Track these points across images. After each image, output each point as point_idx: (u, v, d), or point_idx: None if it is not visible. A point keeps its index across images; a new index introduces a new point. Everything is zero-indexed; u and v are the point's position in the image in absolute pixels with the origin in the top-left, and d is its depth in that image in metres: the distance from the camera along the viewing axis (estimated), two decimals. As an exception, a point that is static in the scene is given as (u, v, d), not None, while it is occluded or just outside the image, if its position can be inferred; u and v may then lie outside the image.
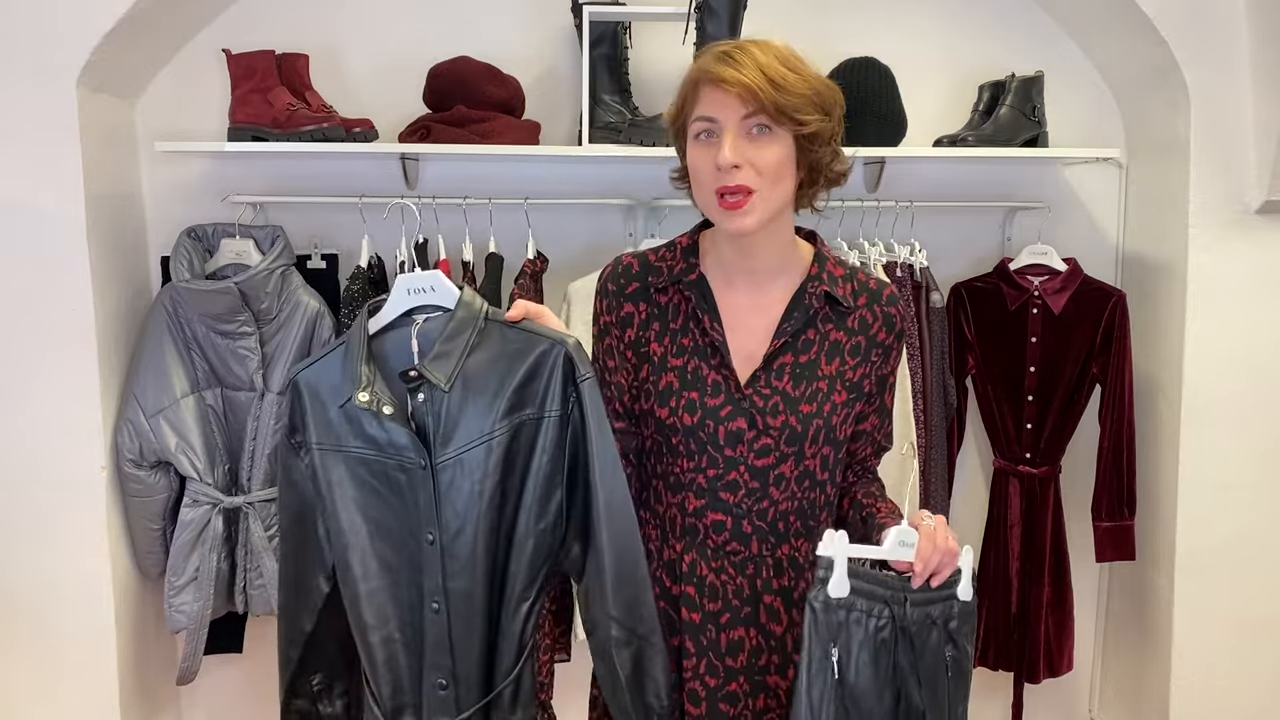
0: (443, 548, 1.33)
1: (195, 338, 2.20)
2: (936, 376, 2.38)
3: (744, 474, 1.37)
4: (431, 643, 1.35)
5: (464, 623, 1.35)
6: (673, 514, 1.42)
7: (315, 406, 1.37)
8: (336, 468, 1.37)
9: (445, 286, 1.38)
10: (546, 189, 2.41)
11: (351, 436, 1.36)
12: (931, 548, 1.25)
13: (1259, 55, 2.24)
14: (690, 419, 1.36)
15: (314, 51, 2.30)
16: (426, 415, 1.33)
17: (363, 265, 2.26)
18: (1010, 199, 2.55)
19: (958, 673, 1.29)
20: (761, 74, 1.25)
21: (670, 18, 2.23)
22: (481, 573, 1.34)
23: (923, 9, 2.51)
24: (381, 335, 1.39)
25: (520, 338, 1.35)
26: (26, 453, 2.18)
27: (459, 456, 1.32)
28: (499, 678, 1.38)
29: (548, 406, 1.33)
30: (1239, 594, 2.40)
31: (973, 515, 2.61)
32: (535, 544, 1.35)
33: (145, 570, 2.31)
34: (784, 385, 1.36)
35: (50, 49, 2.08)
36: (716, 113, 1.28)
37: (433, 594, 1.34)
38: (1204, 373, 2.35)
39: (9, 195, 2.12)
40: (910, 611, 1.25)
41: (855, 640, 1.23)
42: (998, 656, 2.51)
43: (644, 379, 1.41)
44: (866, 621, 1.24)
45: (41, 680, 2.24)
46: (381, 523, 1.36)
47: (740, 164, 1.26)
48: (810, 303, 1.37)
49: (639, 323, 1.42)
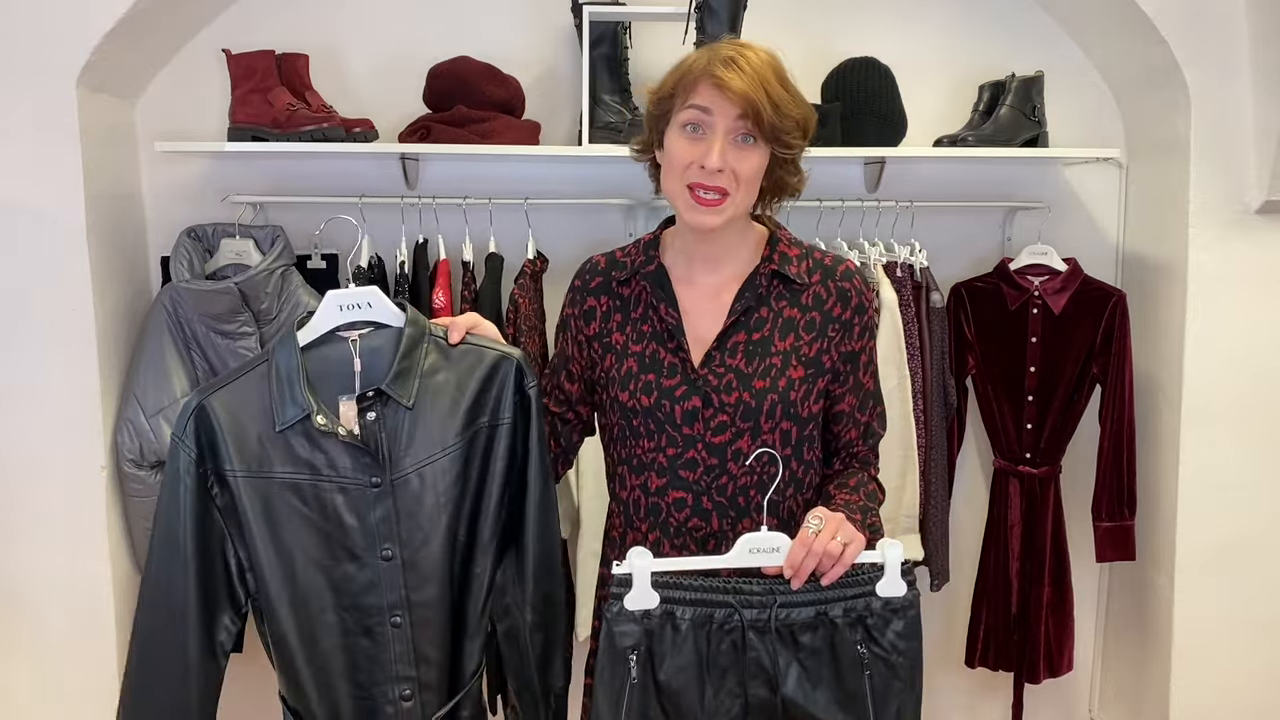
0: (403, 562, 1.34)
1: (195, 338, 2.20)
2: (936, 376, 2.38)
3: (701, 451, 1.42)
4: (395, 656, 1.36)
5: (430, 631, 1.37)
6: (636, 496, 1.47)
7: (234, 431, 1.31)
8: (258, 495, 1.31)
9: (383, 303, 1.37)
10: (546, 189, 2.41)
11: (277, 462, 1.31)
12: (803, 552, 1.26)
13: (1259, 55, 2.24)
14: (648, 400, 1.42)
15: (314, 51, 2.30)
16: (379, 432, 1.33)
17: (363, 265, 2.26)
18: (1010, 199, 2.55)
19: (884, 670, 1.29)
20: (764, 90, 1.31)
21: (670, 18, 2.23)
22: (447, 581, 1.37)
23: (923, 9, 2.51)
24: (306, 352, 1.34)
25: (470, 351, 1.39)
26: (26, 453, 2.18)
27: (419, 471, 1.34)
28: (464, 679, 1.41)
29: (501, 414, 1.38)
30: (1239, 594, 2.40)
31: (973, 515, 2.61)
32: (495, 546, 1.40)
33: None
34: (737, 363, 1.41)
35: (50, 49, 2.08)
36: (711, 104, 1.33)
37: (393, 608, 1.35)
38: (1204, 373, 2.35)
39: (9, 195, 2.12)
40: (782, 613, 1.26)
41: (669, 644, 1.26)
42: (998, 656, 2.51)
43: (607, 368, 1.47)
44: (698, 630, 1.26)
45: (41, 680, 2.24)
46: (310, 549, 1.33)
47: (724, 169, 1.33)
48: (760, 282, 1.43)
49: (600, 315, 1.49)
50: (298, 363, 1.31)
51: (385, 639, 1.36)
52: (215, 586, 1.34)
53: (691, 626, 1.26)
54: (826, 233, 2.45)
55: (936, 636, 2.71)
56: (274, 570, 1.33)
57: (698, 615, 1.26)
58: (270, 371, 1.32)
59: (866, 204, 2.42)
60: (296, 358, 1.32)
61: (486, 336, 1.45)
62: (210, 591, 1.34)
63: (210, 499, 1.32)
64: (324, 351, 1.36)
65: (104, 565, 2.21)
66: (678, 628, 1.26)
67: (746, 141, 1.34)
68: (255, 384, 1.33)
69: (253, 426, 1.31)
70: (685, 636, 1.26)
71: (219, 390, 1.33)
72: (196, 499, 1.31)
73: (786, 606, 1.27)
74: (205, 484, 1.32)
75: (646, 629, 1.25)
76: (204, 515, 1.32)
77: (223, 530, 1.33)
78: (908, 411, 2.28)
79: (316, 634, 1.35)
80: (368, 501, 1.33)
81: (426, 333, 1.38)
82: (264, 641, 1.40)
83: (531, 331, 2.25)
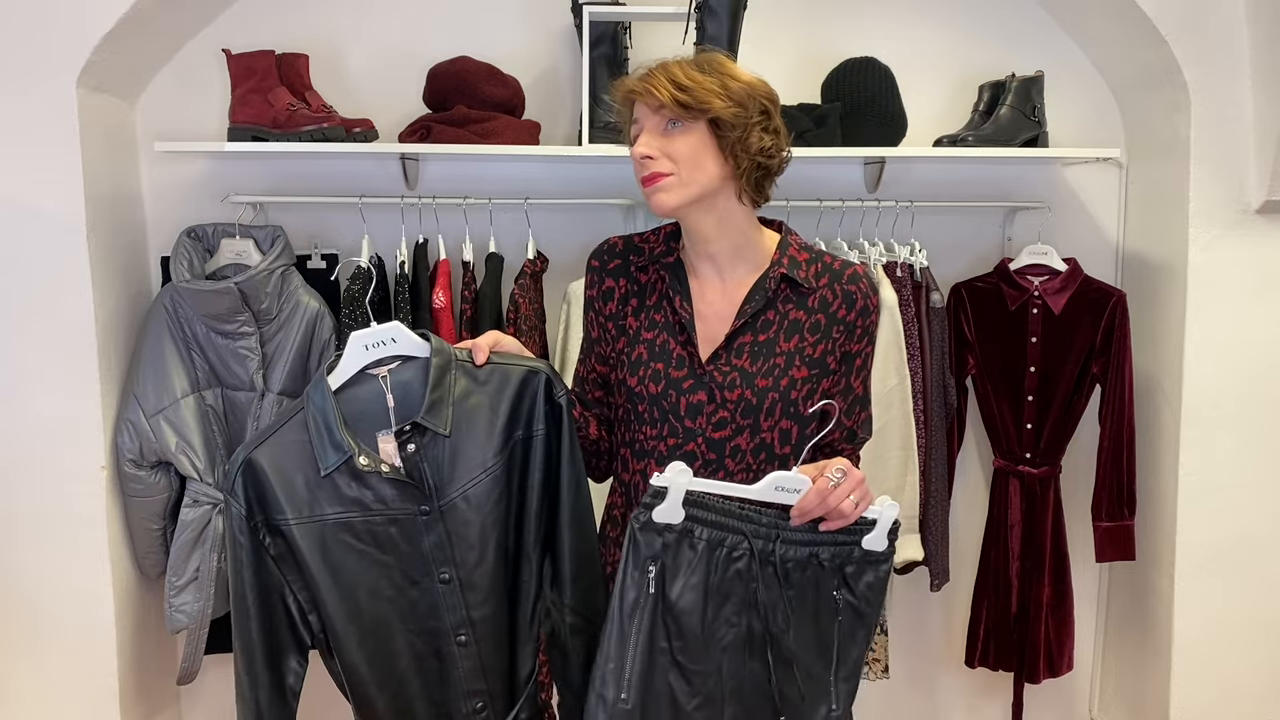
0: (461, 583, 1.38)
1: (195, 338, 2.20)
2: (936, 376, 2.38)
3: (701, 444, 1.46)
4: (464, 673, 1.40)
5: (493, 644, 1.42)
6: (637, 480, 1.51)
7: (281, 482, 1.34)
8: (314, 539, 1.35)
9: (407, 336, 1.40)
10: (546, 189, 2.41)
11: (327, 504, 1.35)
12: (816, 501, 1.29)
13: (1259, 56, 2.24)
14: (655, 388, 1.46)
15: (314, 51, 2.30)
16: (421, 463, 1.36)
17: (363, 265, 2.26)
18: (1010, 199, 2.55)
19: (852, 617, 1.35)
20: (668, 80, 1.39)
21: (670, 18, 2.23)
22: (503, 594, 1.41)
23: (923, 9, 2.51)
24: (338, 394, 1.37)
25: (498, 370, 1.41)
26: (27, 453, 2.18)
27: (464, 495, 1.37)
28: (520, 685, 1.45)
29: (534, 426, 1.41)
30: (1239, 594, 2.40)
31: (973, 515, 2.61)
32: (539, 552, 1.43)
33: (145, 570, 2.31)
34: (742, 363, 1.45)
35: (50, 49, 2.08)
36: (640, 117, 1.43)
37: (457, 628, 1.39)
38: (1204, 372, 2.35)
39: (9, 195, 2.12)
40: (782, 549, 1.31)
41: (685, 564, 1.29)
42: (998, 656, 2.51)
43: (620, 350, 1.52)
44: (712, 551, 1.29)
45: (41, 680, 2.24)
46: (372, 582, 1.37)
47: (653, 154, 1.40)
48: (769, 285, 1.46)
49: (619, 297, 1.53)
50: (333, 406, 1.34)
51: (454, 658, 1.40)
52: (279, 632, 1.38)
53: (707, 548, 1.29)
54: (826, 233, 2.45)
55: (936, 636, 2.71)
56: (339, 607, 1.36)
57: (713, 537, 1.29)
58: (308, 419, 1.35)
59: (866, 204, 2.43)
60: (330, 401, 1.34)
61: (510, 353, 1.47)
62: (274, 638, 1.37)
63: (264, 550, 1.35)
64: (356, 392, 1.38)
65: (104, 565, 2.21)
66: (694, 546, 1.29)
67: (675, 126, 1.40)
68: (296, 433, 1.36)
69: (299, 474, 1.35)
70: (700, 557, 1.29)
71: (262, 444, 1.36)
72: (251, 551, 1.35)
73: (786, 543, 1.31)
74: (258, 535, 1.35)
75: (665, 543, 1.29)
76: (260, 566, 1.35)
77: (280, 578, 1.37)
78: (908, 411, 2.28)
79: (389, 662, 1.39)
80: (419, 530, 1.36)
81: (453, 359, 1.40)
82: (335, 678, 1.42)
83: (532, 331, 2.25)
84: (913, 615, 2.67)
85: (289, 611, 1.38)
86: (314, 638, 1.40)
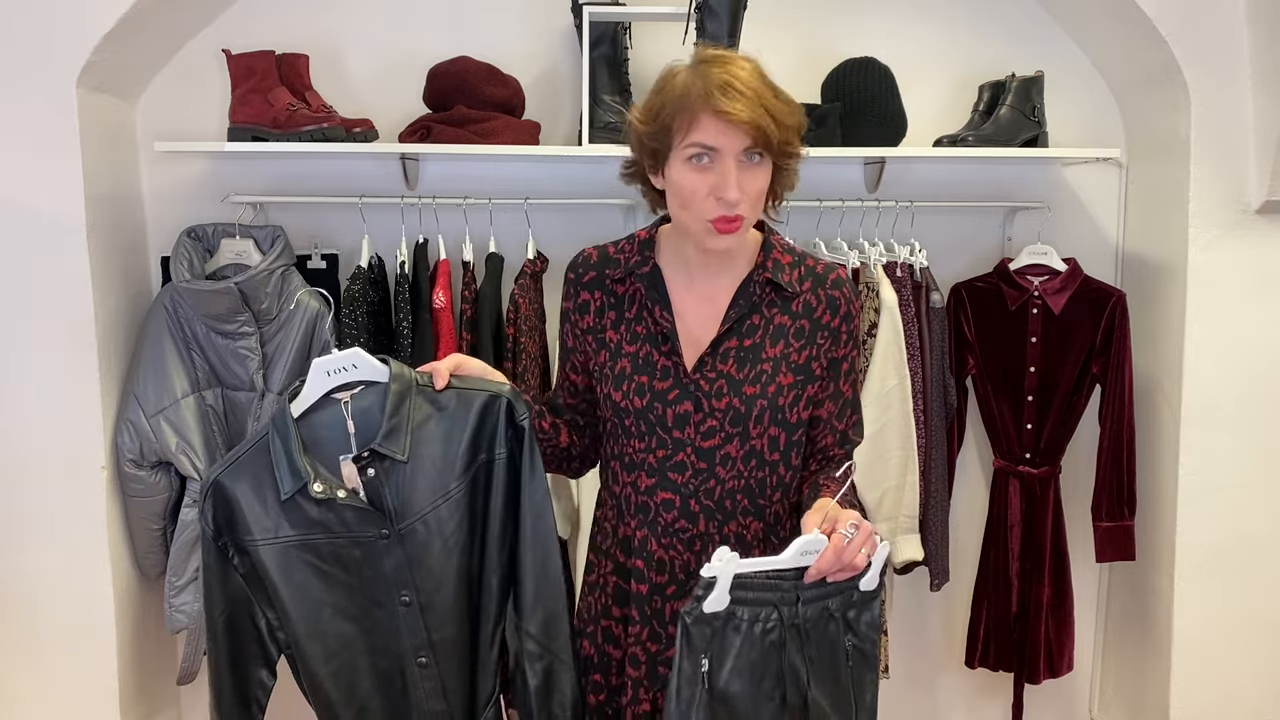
0: (421, 606, 1.40)
1: (195, 338, 2.20)
2: (936, 376, 2.38)
3: (690, 455, 1.43)
4: (426, 693, 1.43)
5: (454, 666, 1.44)
6: (627, 493, 1.49)
7: (248, 503, 1.37)
8: (277, 559, 1.38)
9: (368, 362, 1.41)
10: (546, 189, 2.41)
11: (290, 526, 1.37)
12: (834, 561, 1.25)
13: (1259, 56, 2.24)
14: (640, 401, 1.44)
15: (314, 51, 2.30)
16: (382, 487, 1.38)
17: (363, 265, 2.26)
18: (1010, 199, 2.55)
19: (860, 660, 1.33)
20: (764, 109, 1.29)
21: (670, 18, 2.23)
22: (463, 617, 1.43)
23: (923, 9, 2.51)
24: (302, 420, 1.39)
25: (458, 396, 1.42)
26: (27, 453, 2.18)
27: (423, 518, 1.39)
28: (481, 706, 1.47)
29: (496, 449, 1.42)
30: (1239, 594, 2.40)
31: (973, 515, 2.61)
32: (500, 575, 1.44)
33: (145, 570, 2.31)
34: (729, 369, 1.43)
35: (50, 49, 2.08)
36: (718, 143, 1.30)
37: (417, 650, 1.41)
38: (1204, 373, 2.35)
39: (9, 195, 2.12)
40: (804, 610, 1.28)
41: (731, 649, 1.26)
42: (998, 657, 2.51)
43: (601, 364, 1.49)
44: (750, 629, 1.26)
45: (41, 680, 2.24)
46: (336, 603, 1.40)
47: (742, 199, 1.31)
48: (754, 290, 1.43)
49: (594, 310, 1.50)
50: (293, 433, 1.36)
51: (415, 678, 1.42)
52: (247, 647, 1.41)
53: (748, 626, 1.27)
54: (826, 233, 2.45)
55: (936, 636, 2.71)
56: (304, 626, 1.39)
57: (751, 615, 1.27)
58: (270, 444, 1.38)
59: (866, 204, 2.42)
60: (292, 428, 1.36)
61: (473, 376, 1.46)
62: (239, 651, 1.41)
63: (232, 568, 1.39)
64: (321, 417, 1.40)
65: (104, 565, 2.21)
66: (738, 629, 1.27)
67: (753, 159, 1.32)
68: (261, 457, 1.38)
69: (266, 496, 1.38)
70: (743, 638, 1.27)
71: (230, 466, 1.39)
72: (219, 571, 1.39)
73: (806, 604, 1.29)
74: (225, 555, 1.39)
75: (713, 630, 1.26)
76: (227, 583, 1.39)
77: (247, 595, 1.40)
78: (908, 411, 2.28)
79: (352, 681, 1.42)
80: (380, 553, 1.39)
81: (413, 384, 1.41)
82: (302, 690, 1.45)
83: (532, 332, 2.25)
84: (913, 615, 2.67)
85: (257, 627, 1.41)
86: (281, 652, 1.43)
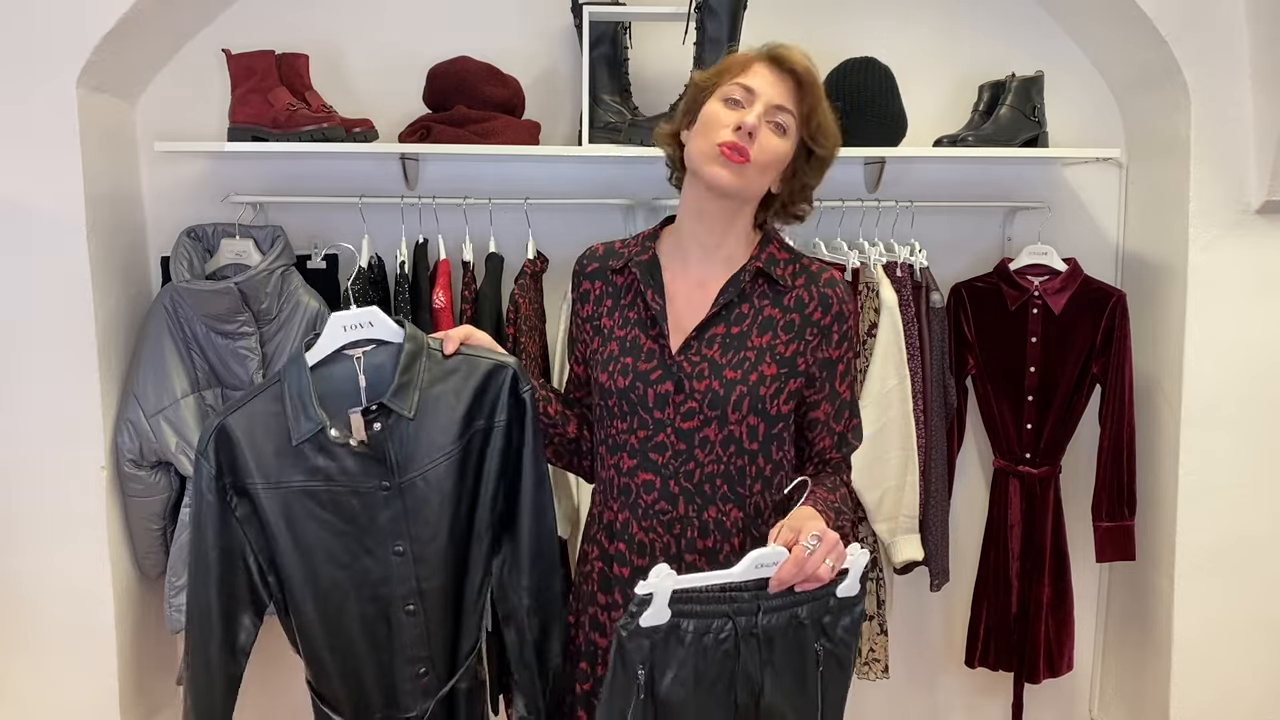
0: (414, 556, 1.46)
1: (195, 338, 2.20)
2: (936, 376, 2.38)
3: (671, 435, 1.46)
4: (411, 640, 1.49)
5: (439, 615, 1.50)
6: (611, 475, 1.52)
7: (251, 448, 1.42)
8: (280, 503, 1.43)
9: (384, 321, 1.48)
10: (546, 189, 2.41)
11: (294, 471, 1.42)
12: (795, 573, 1.25)
13: (1259, 55, 2.24)
14: (623, 381, 1.48)
15: (314, 51, 2.30)
16: (386, 441, 1.44)
17: (363, 265, 2.26)
18: (1010, 199, 2.55)
19: (832, 664, 1.34)
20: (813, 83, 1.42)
21: (670, 18, 2.23)
22: (452, 570, 1.50)
23: (923, 9, 2.51)
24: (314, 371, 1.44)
25: (466, 361, 1.50)
26: (27, 453, 2.18)
27: (424, 474, 1.45)
28: (462, 657, 1.53)
29: (496, 416, 1.49)
30: (1239, 594, 2.40)
31: (973, 515, 2.61)
32: (491, 535, 1.52)
33: (145, 570, 2.31)
34: (713, 353, 1.46)
35: (50, 49, 2.08)
36: (759, 87, 1.40)
37: (406, 598, 1.47)
38: (1204, 373, 2.35)
39: (9, 195, 2.12)
40: (765, 619, 1.28)
41: (674, 658, 1.26)
42: (998, 656, 2.51)
43: (594, 350, 1.55)
44: (699, 639, 1.26)
45: (41, 681, 2.24)
46: (330, 549, 1.44)
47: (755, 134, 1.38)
48: (744, 278, 1.47)
49: (594, 299, 1.57)
50: (308, 381, 1.42)
51: (401, 625, 1.48)
52: (238, 589, 1.45)
53: (694, 637, 1.27)
54: (826, 233, 2.45)
55: (936, 636, 2.71)
56: (297, 570, 1.44)
57: (699, 626, 1.27)
58: (283, 391, 1.43)
59: (866, 204, 2.42)
60: (307, 377, 1.43)
61: (481, 346, 1.53)
62: (232, 595, 1.45)
63: (230, 510, 1.43)
64: (331, 370, 1.46)
65: (104, 565, 2.21)
66: (681, 640, 1.27)
67: (778, 131, 1.41)
68: (269, 404, 1.44)
69: (269, 442, 1.42)
70: (688, 649, 1.27)
71: (236, 411, 1.44)
72: (217, 510, 1.43)
73: (769, 612, 1.29)
74: (225, 497, 1.43)
75: (653, 643, 1.26)
76: (224, 525, 1.43)
77: (243, 538, 1.44)
78: (908, 411, 2.28)
79: (341, 625, 1.47)
80: (379, 503, 1.44)
81: (425, 347, 1.48)
82: (289, 635, 1.50)
83: (532, 331, 2.25)
84: (913, 615, 2.67)
85: (249, 570, 1.46)
86: (271, 596, 1.48)
